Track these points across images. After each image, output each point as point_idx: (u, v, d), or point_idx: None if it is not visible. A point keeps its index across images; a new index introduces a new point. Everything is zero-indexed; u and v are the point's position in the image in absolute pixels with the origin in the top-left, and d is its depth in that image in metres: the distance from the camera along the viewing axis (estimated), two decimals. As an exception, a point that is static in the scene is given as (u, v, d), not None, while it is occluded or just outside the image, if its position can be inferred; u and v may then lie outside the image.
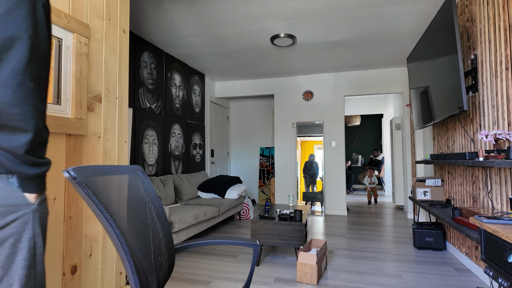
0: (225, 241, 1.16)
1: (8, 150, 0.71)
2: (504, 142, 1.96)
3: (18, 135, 0.71)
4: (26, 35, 0.72)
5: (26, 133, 0.71)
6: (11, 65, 0.70)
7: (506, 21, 1.92)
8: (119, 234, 0.77)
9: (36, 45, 0.74)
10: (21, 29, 0.71)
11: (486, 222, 1.40)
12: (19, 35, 0.71)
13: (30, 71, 0.72)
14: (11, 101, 0.69)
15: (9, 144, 0.71)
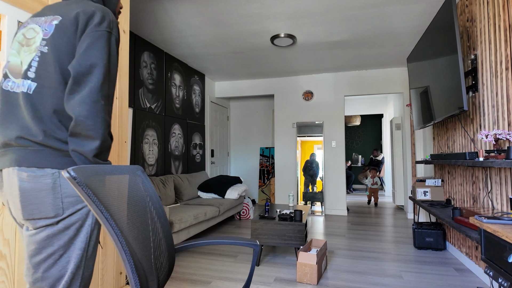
0: (225, 241, 1.16)
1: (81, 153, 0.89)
2: (504, 142, 1.96)
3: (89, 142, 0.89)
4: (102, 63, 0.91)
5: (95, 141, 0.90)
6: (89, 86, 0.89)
7: (506, 21, 1.92)
8: (119, 234, 0.77)
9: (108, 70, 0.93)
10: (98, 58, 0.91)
11: (486, 222, 1.40)
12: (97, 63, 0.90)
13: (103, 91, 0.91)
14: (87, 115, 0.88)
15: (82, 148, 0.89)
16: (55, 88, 0.92)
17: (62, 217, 0.90)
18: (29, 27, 0.98)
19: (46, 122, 0.91)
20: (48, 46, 0.93)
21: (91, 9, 0.94)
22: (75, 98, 0.89)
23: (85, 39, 0.91)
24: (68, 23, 0.93)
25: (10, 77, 0.95)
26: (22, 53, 0.95)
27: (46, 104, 0.92)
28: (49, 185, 0.89)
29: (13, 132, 0.91)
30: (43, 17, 0.98)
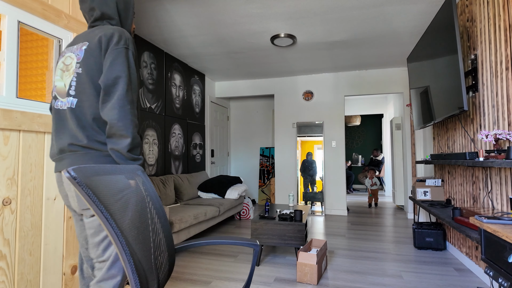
0: (225, 241, 1.16)
1: (117, 150, 1.09)
2: (504, 142, 1.96)
3: (122, 140, 1.09)
4: (124, 75, 1.11)
5: (127, 139, 1.09)
6: (116, 95, 1.09)
7: (506, 21, 1.92)
8: (119, 234, 0.77)
9: (130, 80, 1.13)
10: (121, 71, 1.11)
11: (486, 222, 1.40)
12: (120, 75, 1.11)
13: (127, 97, 1.11)
14: (118, 118, 1.08)
15: (117, 146, 1.09)
16: (92, 101, 1.13)
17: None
18: (66, 56, 1.20)
19: (88, 129, 1.13)
20: (82, 68, 1.14)
21: (110, 32, 1.14)
22: (107, 106, 1.09)
23: (108, 56, 1.11)
24: (94, 46, 1.13)
25: (59, 98, 1.18)
26: (64, 77, 1.18)
27: (86, 114, 1.13)
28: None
29: (65, 141, 1.14)
30: (75, 45, 1.20)
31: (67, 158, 1.14)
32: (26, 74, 1.67)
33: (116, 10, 1.24)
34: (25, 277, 1.37)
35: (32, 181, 1.41)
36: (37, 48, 1.64)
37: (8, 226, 1.31)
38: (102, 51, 1.13)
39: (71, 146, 1.13)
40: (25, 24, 1.42)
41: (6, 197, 1.30)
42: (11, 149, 1.33)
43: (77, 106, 1.14)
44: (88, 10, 1.23)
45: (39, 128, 1.43)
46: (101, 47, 1.12)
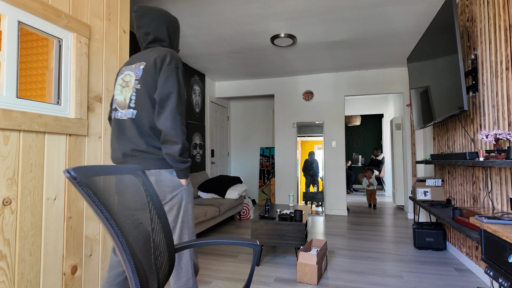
0: (225, 241, 1.16)
1: (170, 154, 1.27)
2: (504, 142, 1.96)
3: (174, 146, 1.27)
4: (175, 90, 1.30)
5: (178, 145, 1.27)
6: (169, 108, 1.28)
7: (507, 21, 1.92)
8: (120, 234, 0.77)
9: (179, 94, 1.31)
10: (172, 87, 1.29)
11: (486, 222, 1.40)
12: (172, 91, 1.29)
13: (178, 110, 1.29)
14: (170, 127, 1.26)
15: (171, 151, 1.27)
16: (148, 112, 1.32)
17: (166, 201, 1.32)
18: (125, 73, 1.40)
19: (146, 136, 1.32)
20: (140, 84, 1.33)
21: (163, 53, 1.34)
22: (161, 117, 1.28)
23: (162, 75, 1.30)
24: (150, 66, 1.32)
25: (119, 109, 1.38)
26: (124, 92, 1.37)
27: (144, 124, 1.32)
28: (153, 181, 1.31)
29: (127, 146, 1.33)
30: (132, 65, 1.41)
31: (130, 161, 1.34)
32: (26, 74, 1.67)
33: (167, 34, 1.46)
34: (25, 277, 1.37)
35: (32, 181, 1.41)
36: (37, 48, 1.64)
37: (8, 226, 1.31)
38: (157, 70, 1.31)
39: (133, 151, 1.33)
40: (25, 24, 1.42)
41: (6, 197, 1.30)
42: (11, 149, 1.33)
43: (136, 116, 1.33)
44: (143, 34, 1.45)
45: (39, 128, 1.43)
46: (156, 66, 1.31)
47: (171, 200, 1.32)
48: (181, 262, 1.35)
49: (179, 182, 1.33)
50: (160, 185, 1.30)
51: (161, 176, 1.31)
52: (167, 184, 1.31)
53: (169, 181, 1.32)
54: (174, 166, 1.30)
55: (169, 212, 1.33)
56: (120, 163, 1.36)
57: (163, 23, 1.44)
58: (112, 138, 1.40)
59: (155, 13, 1.43)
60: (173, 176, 1.33)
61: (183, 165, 1.30)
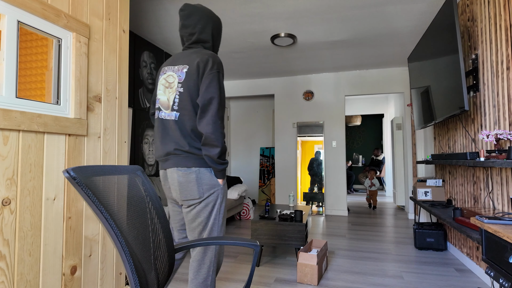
0: (225, 241, 1.15)
1: (210, 156, 1.35)
2: (505, 142, 1.96)
3: (214, 148, 1.34)
4: (216, 96, 1.35)
5: (217, 148, 1.34)
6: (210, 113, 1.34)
7: (507, 21, 1.92)
8: (119, 234, 0.77)
9: (220, 99, 1.37)
10: (214, 93, 1.35)
11: (487, 222, 1.40)
12: (214, 96, 1.35)
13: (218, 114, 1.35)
14: (211, 131, 1.33)
15: (210, 153, 1.35)
16: (190, 115, 1.39)
17: (203, 198, 1.39)
18: (168, 74, 1.45)
19: (188, 137, 1.39)
20: (183, 87, 1.39)
21: (206, 58, 1.38)
22: (203, 121, 1.34)
23: (205, 80, 1.36)
24: (193, 70, 1.38)
25: (162, 109, 1.44)
26: (167, 92, 1.43)
27: (186, 126, 1.39)
28: (194, 178, 1.38)
29: (171, 146, 1.41)
30: (175, 66, 1.45)
31: (172, 159, 1.42)
32: (26, 74, 1.67)
33: (211, 36, 1.51)
34: (24, 277, 1.36)
35: (32, 181, 1.41)
36: (37, 48, 1.64)
37: (8, 226, 1.30)
38: (199, 75, 1.37)
39: (176, 151, 1.40)
40: (24, 24, 1.42)
41: (6, 197, 1.30)
42: (11, 149, 1.32)
43: (179, 119, 1.40)
44: (188, 34, 1.49)
45: (39, 128, 1.43)
46: (199, 71, 1.37)
47: (207, 198, 1.40)
48: (205, 257, 1.41)
49: (216, 181, 1.42)
50: (199, 182, 1.39)
51: (201, 174, 1.40)
52: (206, 182, 1.40)
53: (208, 180, 1.40)
54: (213, 167, 1.39)
55: (204, 208, 1.40)
56: (162, 161, 1.46)
57: (208, 23, 1.49)
58: (156, 136, 1.49)
59: (202, 12, 1.47)
60: (212, 175, 1.41)
61: (221, 166, 1.39)
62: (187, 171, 1.38)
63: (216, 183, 1.42)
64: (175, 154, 1.40)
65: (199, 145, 1.40)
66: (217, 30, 1.54)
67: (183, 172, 1.38)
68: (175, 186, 1.41)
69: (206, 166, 1.40)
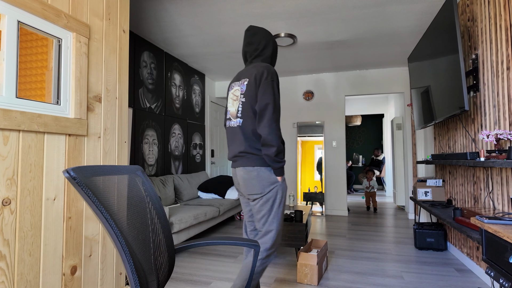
0: (225, 241, 1.15)
1: (268, 155, 1.54)
2: (505, 142, 1.96)
3: (271, 148, 1.53)
4: (271, 101, 1.54)
5: (274, 147, 1.52)
6: (267, 117, 1.53)
7: (507, 21, 1.91)
8: (119, 235, 0.77)
9: (275, 104, 1.56)
10: (269, 99, 1.54)
11: (487, 222, 1.40)
12: (269, 102, 1.54)
13: (274, 118, 1.54)
14: (268, 133, 1.52)
15: (268, 152, 1.53)
16: (251, 120, 1.60)
17: (264, 194, 1.59)
18: (235, 89, 1.70)
19: (249, 140, 1.61)
20: (245, 98, 1.62)
21: (261, 69, 1.59)
22: (261, 125, 1.54)
23: (261, 88, 1.56)
24: (252, 82, 1.60)
25: (232, 118, 1.69)
26: (234, 104, 1.67)
27: (248, 130, 1.61)
28: (255, 176, 1.58)
29: (237, 149, 1.64)
30: (239, 81, 1.70)
31: (239, 160, 1.65)
32: (26, 74, 1.67)
33: (270, 53, 1.74)
34: (24, 277, 1.36)
35: (32, 181, 1.41)
36: (37, 48, 1.64)
37: (8, 226, 1.30)
38: (257, 85, 1.58)
39: (240, 153, 1.63)
40: (24, 24, 1.42)
41: (6, 197, 1.30)
42: (11, 149, 1.32)
43: (242, 124, 1.62)
44: (253, 50, 1.72)
45: (39, 128, 1.42)
46: (256, 82, 1.58)
47: (268, 193, 1.59)
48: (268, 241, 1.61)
49: (275, 179, 1.59)
50: (260, 180, 1.58)
51: (261, 172, 1.58)
52: (265, 179, 1.58)
53: (268, 177, 1.58)
54: (271, 165, 1.56)
55: (266, 202, 1.59)
56: (233, 161, 1.71)
57: (269, 43, 1.74)
58: (228, 142, 1.75)
59: (264, 33, 1.74)
60: (271, 173, 1.59)
61: (278, 164, 1.55)
62: (249, 169, 1.60)
63: (275, 180, 1.59)
64: (240, 156, 1.64)
65: (259, 146, 1.61)
66: (275, 50, 1.79)
67: (247, 170, 1.61)
68: (242, 182, 1.64)
69: (265, 165, 1.59)
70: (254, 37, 1.72)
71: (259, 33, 1.72)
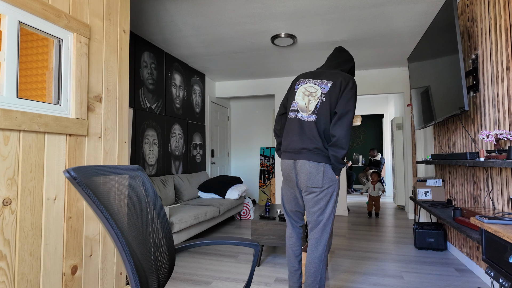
0: (225, 241, 1.15)
1: (336, 156, 1.66)
2: (505, 142, 1.96)
3: (341, 150, 1.65)
4: (352, 109, 1.68)
5: (344, 150, 1.65)
6: (345, 121, 1.66)
7: (507, 21, 1.92)
8: (120, 234, 0.77)
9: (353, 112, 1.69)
10: (352, 106, 1.68)
11: (487, 222, 1.40)
12: (351, 109, 1.68)
13: (351, 124, 1.67)
14: (343, 135, 1.64)
15: (337, 154, 1.65)
16: (325, 119, 1.71)
17: (324, 188, 1.71)
18: (309, 85, 1.80)
19: (321, 137, 1.71)
20: (325, 98, 1.72)
21: (348, 79, 1.74)
22: (338, 126, 1.66)
23: (346, 95, 1.69)
24: (337, 86, 1.72)
25: (300, 112, 1.78)
26: (306, 99, 1.78)
27: (321, 127, 1.71)
28: (322, 171, 1.69)
29: (307, 143, 1.72)
30: (318, 80, 1.79)
31: (307, 153, 1.72)
32: (26, 74, 1.67)
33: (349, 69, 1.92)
34: (25, 277, 1.37)
35: (32, 181, 1.41)
36: (37, 48, 1.64)
37: (8, 226, 1.31)
38: (341, 90, 1.71)
39: (310, 146, 1.71)
40: (25, 24, 1.42)
41: (6, 197, 1.30)
42: (11, 149, 1.33)
43: (317, 120, 1.72)
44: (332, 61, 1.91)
45: (39, 128, 1.43)
46: (341, 87, 1.71)
47: (327, 189, 1.71)
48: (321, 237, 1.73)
49: (335, 177, 1.73)
50: (324, 175, 1.70)
51: (326, 168, 1.70)
52: (328, 175, 1.71)
53: (330, 174, 1.71)
54: (335, 165, 1.69)
55: (324, 197, 1.72)
56: (295, 153, 1.76)
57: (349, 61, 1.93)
58: (291, 132, 1.79)
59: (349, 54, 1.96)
60: (332, 172, 1.72)
61: (342, 165, 1.69)
62: (317, 164, 1.69)
63: (335, 178, 1.73)
64: (309, 150, 1.71)
65: (327, 146, 1.72)
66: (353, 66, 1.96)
67: (314, 164, 1.70)
68: (305, 174, 1.72)
69: (330, 163, 1.71)
70: (341, 53, 1.94)
71: (345, 52, 1.96)
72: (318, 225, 1.73)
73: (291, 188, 1.84)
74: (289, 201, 1.88)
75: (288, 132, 1.81)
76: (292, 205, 1.87)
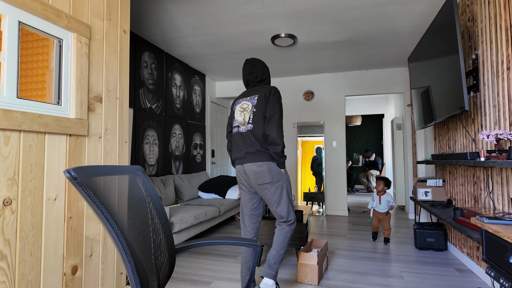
0: (226, 241, 1.15)
1: (275, 152, 1.92)
2: (505, 142, 1.96)
3: (277, 146, 1.91)
4: (278, 111, 1.97)
5: (280, 145, 1.91)
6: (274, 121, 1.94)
7: (508, 21, 1.92)
8: (120, 235, 0.77)
9: (280, 112, 1.98)
10: (277, 109, 1.97)
11: (487, 222, 1.40)
12: (276, 111, 1.96)
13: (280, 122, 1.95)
14: (275, 134, 1.92)
15: (275, 150, 1.91)
16: (261, 126, 1.99)
17: (274, 181, 1.96)
18: (243, 103, 2.11)
19: (259, 140, 1.99)
20: (256, 108, 2.02)
21: (270, 88, 2.03)
22: (270, 127, 1.94)
23: (271, 102, 1.98)
24: (262, 97, 2.02)
25: (240, 126, 2.07)
26: (242, 114, 2.07)
27: (258, 133, 1.99)
28: (266, 168, 1.95)
29: (248, 147, 2.00)
30: (248, 97, 2.10)
31: (249, 156, 1.99)
32: (27, 74, 1.67)
33: (268, 76, 2.20)
34: (25, 277, 1.37)
35: (33, 181, 1.41)
36: (38, 48, 1.64)
37: (9, 226, 1.31)
38: (266, 99, 2.00)
39: (252, 151, 1.98)
40: (25, 24, 1.42)
41: (7, 197, 1.30)
42: (12, 149, 1.33)
43: (253, 129, 2.00)
44: (254, 78, 2.15)
45: (40, 128, 1.43)
46: (266, 97, 2.01)
47: (276, 182, 1.96)
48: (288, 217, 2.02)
49: (280, 170, 1.98)
50: (270, 171, 1.95)
51: (270, 165, 1.96)
52: (273, 170, 1.96)
53: (275, 169, 1.96)
54: (277, 160, 1.95)
55: (276, 189, 1.96)
56: (241, 158, 2.04)
57: (265, 69, 2.19)
58: (236, 144, 2.10)
59: (260, 63, 2.18)
60: (276, 166, 1.97)
61: (282, 159, 1.95)
62: (261, 163, 1.95)
63: (280, 171, 1.98)
64: (251, 153, 1.98)
65: (267, 146, 1.98)
66: (269, 73, 2.23)
67: (258, 164, 1.95)
68: (253, 174, 1.97)
69: (272, 160, 1.96)
70: (254, 67, 2.16)
71: (257, 64, 2.17)
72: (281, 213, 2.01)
73: (245, 193, 2.10)
74: (246, 205, 2.12)
75: (234, 145, 2.11)
76: (248, 209, 2.11)
